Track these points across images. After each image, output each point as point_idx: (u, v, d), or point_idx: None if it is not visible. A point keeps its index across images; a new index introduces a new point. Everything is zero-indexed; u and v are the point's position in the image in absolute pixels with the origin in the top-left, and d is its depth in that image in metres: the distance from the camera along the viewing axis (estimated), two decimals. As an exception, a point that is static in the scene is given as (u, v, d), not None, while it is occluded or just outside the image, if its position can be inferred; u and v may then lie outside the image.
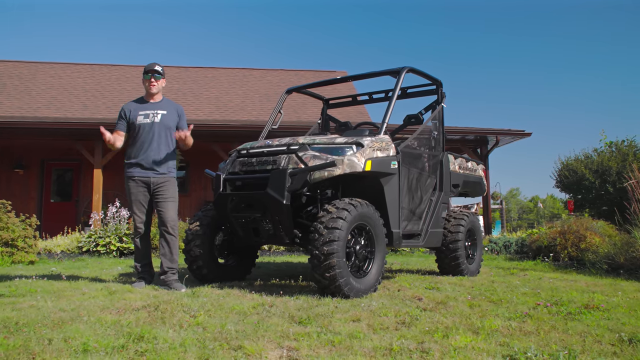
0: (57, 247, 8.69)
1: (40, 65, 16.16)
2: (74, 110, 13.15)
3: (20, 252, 7.24)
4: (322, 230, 3.69)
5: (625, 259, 6.05)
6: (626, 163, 10.83)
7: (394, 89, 4.61)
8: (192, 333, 2.53)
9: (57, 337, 2.41)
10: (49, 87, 14.53)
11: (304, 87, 5.75)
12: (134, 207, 4.30)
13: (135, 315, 2.96)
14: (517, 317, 3.12)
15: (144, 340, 2.38)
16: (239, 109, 14.34)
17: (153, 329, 2.57)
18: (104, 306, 3.23)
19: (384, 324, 2.85)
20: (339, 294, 3.68)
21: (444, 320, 2.98)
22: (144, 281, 4.36)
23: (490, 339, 2.54)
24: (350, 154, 4.00)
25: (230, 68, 17.52)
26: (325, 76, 17.29)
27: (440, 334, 2.59)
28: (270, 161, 4.12)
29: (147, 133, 4.29)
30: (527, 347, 2.34)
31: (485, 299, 3.80)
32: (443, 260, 5.46)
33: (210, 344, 2.34)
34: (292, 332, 2.57)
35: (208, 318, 2.93)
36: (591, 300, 3.69)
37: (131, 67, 16.57)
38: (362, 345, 2.37)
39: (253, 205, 4.19)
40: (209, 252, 4.52)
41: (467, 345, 2.39)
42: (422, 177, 4.89)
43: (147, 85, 4.41)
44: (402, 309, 3.30)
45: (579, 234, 7.47)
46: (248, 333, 2.55)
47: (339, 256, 3.64)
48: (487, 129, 11.42)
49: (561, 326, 2.87)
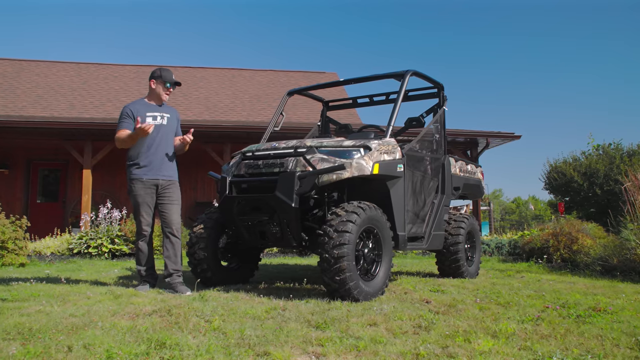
0: (46, 249, 8.54)
1: (24, 63, 15.86)
2: (60, 109, 12.93)
3: (11, 254, 7.10)
4: (332, 233, 3.68)
5: (618, 261, 6.15)
6: (613, 166, 11.04)
7: (399, 92, 4.63)
8: (215, 339, 2.50)
9: (76, 343, 2.36)
10: (34, 86, 14.26)
11: (305, 89, 5.74)
12: (141, 209, 4.24)
13: (150, 321, 2.92)
14: (529, 320, 3.15)
15: (166, 347, 2.35)
16: (228, 109, 14.26)
17: (172, 335, 2.54)
18: (114, 311, 3.17)
19: (402, 327, 2.85)
20: (349, 297, 3.68)
21: (459, 324, 2.99)
22: (147, 284, 4.31)
23: (511, 342, 2.56)
24: (358, 157, 3.99)
25: (219, 68, 17.41)
26: (315, 77, 17.28)
27: (461, 338, 2.60)
28: (278, 164, 4.09)
29: (155, 135, 4.25)
30: (552, 351, 2.36)
31: (493, 302, 3.83)
32: (443, 262, 5.49)
33: (236, 350, 2.31)
34: (314, 337, 2.56)
35: (223, 323, 2.90)
36: (597, 303, 3.74)
37: (118, 66, 16.37)
38: (387, 350, 2.37)
39: (260, 208, 4.16)
40: (213, 255, 4.48)
41: (490, 350, 2.40)
42: (425, 180, 4.92)
43: (164, 93, 4.38)
44: (415, 312, 3.31)
45: (571, 236, 7.57)
46: (270, 339, 2.53)
47: (349, 259, 3.64)
48: (478, 132, 11.53)
49: (575, 329, 2.90)
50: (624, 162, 11.22)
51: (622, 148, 12.29)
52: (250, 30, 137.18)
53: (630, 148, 12.21)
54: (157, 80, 4.40)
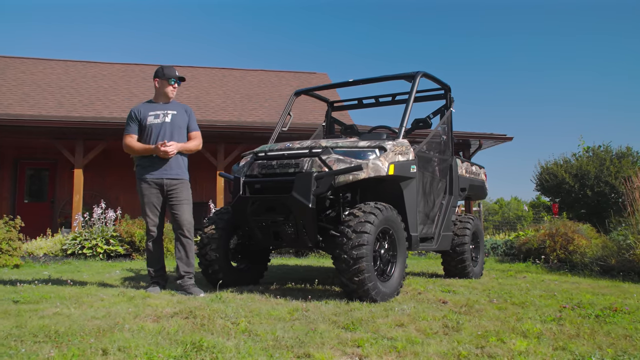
0: (39, 250, 8.36)
1: (9, 60, 15.52)
2: (48, 107, 12.67)
3: (5, 256, 6.93)
4: (350, 234, 3.67)
5: (617, 261, 6.25)
6: (604, 167, 11.24)
7: (410, 93, 4.64)
8: (251, 341, 2.47)
9: (110, 347, 2.31)
10: (20, 83, 13.96)
11: (312, 90, 5.72)
12: (146, 209, 4.18)
13: (175, 323, 2.87)
14: (551, 320, 3.18)
15: (203, 349, 2.31)
16: (220, 109, 14.15)
17: (205, 337, 2.50)
18: (135, 313, 3.12)
19: (431, 328, 2.85)
20: (367, 298, 3.67)
21: (485, 324, 3.01)
22: (158, 286, 4.24)
23: (543, 342, 2.58)
24: (374, 158, 3.99)
25: (210, 67, 17.27)
26: (305, 77, 17.26)
27: (494, 338, 2.61)
28: (292, 164, 4.06)
29: (157, 133, 4.19)
30: (589, 352, 2.38)
31: (508, 302, 3.85)
32: (449, 262, 5.52)
33: (276, 352, 2.29)
34: (350, 338, 2.55)
35: (250, 325, 2.87)
36: (611, 303, 3.80)
37: (107, 65, 16.14)
38: (426, 351, 2.37)
39: (275, 208, 4.13)
40: (224, 256, 4.43)
41: (527, 350, 2.41)
42: (435, 181, 4.94)
43: (168, 90, 4.32)
44: (437, 313, 3.32)
45: (567, 236, 7.68)
46: (305, 341, 2.51)
47: (368, 260, 3.63)
48: (471, 133, 11.62)
49: (600, 329, 2.93)
50: (613, 164, 11.43)
51: (611, 150, 12.53)
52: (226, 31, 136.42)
53: (619, 150, 12.46)
54: (161, 78, 4.35)
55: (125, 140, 4.23)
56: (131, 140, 4.21)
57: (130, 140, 4.21)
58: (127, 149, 4.24)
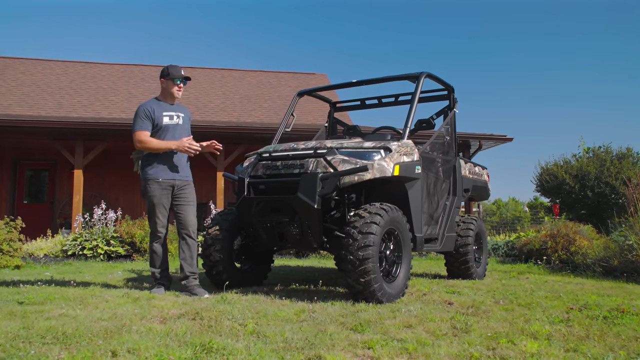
0: (39, 251, 8.33)
1: (8, 60, 15.47)
2: (48, 108, 12.63)
3: (5, 256, 6.91)
4: (356, 235, 3.66)
5: (620, 262, 6.25)
6: (604, 168, 11.25)
7: (414, 94, 4.62)
8: (261, 343, 2.45)
9: (119, 348, 2.29)
10: (19, 84, 13.91)
11: (315, 90, 5.71)
12: (156, 210, 4.15)
13: (183, 324, 2.85)
14: (559, 322, 3.17)
15: (213, 351, 2.29)
16: (219, 109, 14.12)
17: (214, 339, 2.48)
18: (141, 314, 3.10)
19: (440, 329, 2.84)
20: (373, 299, 3.66)
21: (493, 326, 3.00)
22: (162, 287, 4.22)
23: (554, 344, 2.57)
24: (379, 159, 3.98)
25: (209, 68, 17.25)
26: (304, 78, 17.25)
27: (504, 340, 2.60)
28: (297, 165, 4.05)
29: (172, 135, 4.18)
30: (602, 353, 2.37)
31: (514, 304, 3.84)
32: (453, 263, 5.51)
33: (287, 354, 2.27)
34: (360, 339, 2.53)
35: (258, 326, 2.85)
36: (618, 304, 3.79)
37: (106, 65, 16.10)
38: (437, 352, 2.36)
39: (280, 209, 4.11)
40: (228, 257, 4.41)
41: (539, 352, 2.40)
42: (439, 182, 4.93)
43: (175, 90, 4.30)
44: (444, 314, 3.31)
45: (569, 237, 7.68)
46: (315, 342, 2.49)
47: (374, 261, 3.62)
48: (471, 134, 11.62)
49: (609, 331, 2.93)
50: (613, 164, 11.44)
51: (611, 151, 12.54)
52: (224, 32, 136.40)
53: (619, 151, 12.48)
54: (166, 78, 4.32)
55: (140, 136, 4.10)
56: (146, 136, 4.12)
57: (146, 136, 4.11)
58: (142, 144, 4.11)
